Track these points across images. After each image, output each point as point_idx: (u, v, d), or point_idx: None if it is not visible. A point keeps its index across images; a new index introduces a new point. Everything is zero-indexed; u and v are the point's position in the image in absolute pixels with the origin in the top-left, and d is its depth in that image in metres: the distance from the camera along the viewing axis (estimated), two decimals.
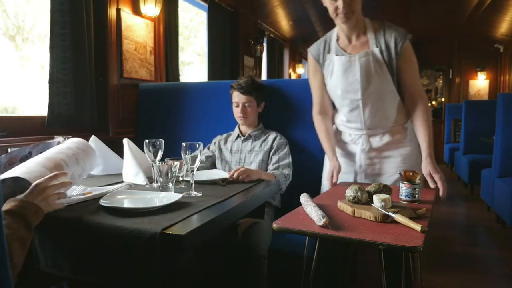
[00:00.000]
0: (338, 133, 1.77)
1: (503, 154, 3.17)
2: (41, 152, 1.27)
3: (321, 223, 1.07)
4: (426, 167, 1.48)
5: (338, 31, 1.63)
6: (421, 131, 1.53)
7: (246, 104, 1.97)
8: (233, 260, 1.67)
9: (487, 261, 2.66)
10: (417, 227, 1.02)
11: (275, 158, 1.93)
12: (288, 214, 1.21)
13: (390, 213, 1.10)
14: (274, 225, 1.12)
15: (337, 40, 1.63)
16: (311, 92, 1.78)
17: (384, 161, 1.66)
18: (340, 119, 1.72)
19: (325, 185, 1.68)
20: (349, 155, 1.72)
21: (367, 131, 1.65)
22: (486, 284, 2.28)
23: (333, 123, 1.79)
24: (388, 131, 1.64)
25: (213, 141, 2.11)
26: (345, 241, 1.02)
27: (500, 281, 2.33)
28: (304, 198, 1.29)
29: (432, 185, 1.46)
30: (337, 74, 1.60)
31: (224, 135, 2.11)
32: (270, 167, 1.92)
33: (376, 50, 1.53)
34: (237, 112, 2.00)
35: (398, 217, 1.08)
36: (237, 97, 1.98)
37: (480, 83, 7.57)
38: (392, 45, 1.53)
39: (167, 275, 0.98)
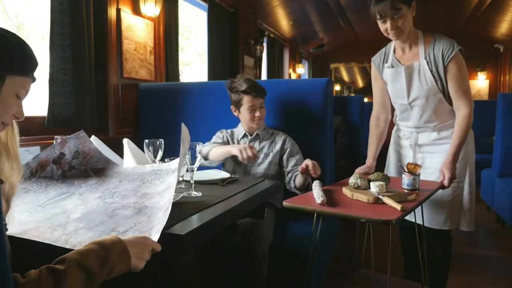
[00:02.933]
0: (397, 129, 1.96)
1: (503, 154, 3.17)
2: (74, 151, 1.24)
3: (319, 201, 1.31)
4: (443, 163, 1.65)
5: (395, 44, 1.80)
6: (454, 133, 1.69)
7: (261, 106, 1.96)
8: (234, 260, 1.67)
9: (487, 261, 2.66)
10: (398, 207, 1.22)
11: (292, 161, 1.92)
12: (298, 196, 1.47)
13: (379, 196, 1.32)
14: (284, 203, 1.36)
15: (394, 51, 1.81)
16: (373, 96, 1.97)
17: (429, 156, 1.80)
18: (398, 118, 1.93)
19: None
20: (403, 150, 1.90)
21: (416, 128, 1.82)
22: (486, 284, 2.28)
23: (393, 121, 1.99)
24: (436, 129, 1.78)
25: (220, 134, 2.06)
26: (336, 215, 1.28)
27: (500, 281, 2.33)
28: (315, 183, 1.50)
29: (440, 180, 1.63)
30: (389, 82, 1.82)
31: (229, 131, 2.08)
32: (288, 169, 1.92)
33: (424, 62, 1.69)
34: (252, 116, 1.94)
35: (385, 199, 1.29)
36: (252, 101, 1.93)
37: (480, 83, 7.57)
38: (440, 57, 1.66)
39: (167, 275, 0.98)
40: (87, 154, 1.26)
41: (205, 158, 1.93)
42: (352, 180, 1.49)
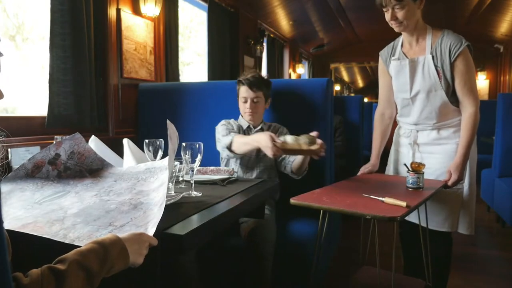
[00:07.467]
0: (398, 127, 1.95)
1: (503, 154, 3.18)
2: (69, 151, 1.24)
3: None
4: (452, 165, 1.66)
5: (403, 38, 1.80)
6: (461, 133, 1.68)
7: (254, 100, 1.93)
8: (238, 261, 1.67)
9: (487, 261, 2.66)
10: (403, 204, 1.26)
11: None
12: (305, 193, 1.45)
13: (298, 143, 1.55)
14: (292, 200, 1.37)
15: (402, 45, 1.80)
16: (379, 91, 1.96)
17: (428, 157, 1.78)
18: (398, 114, 1.90)
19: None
20: (402, 148, 1.89)
21: (415, 126, 1.80)
22: (486, 284, 2.28)
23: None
24: (435, 128, 1.76)
25: (228, 124, 1.97)
26: (342, 212, 1.31)
27: (500, 281, 2.33)
28: None
29: (445, 179, 1.66)
30: (393, 75, 1.81)
31: (235, 121, 2.03)
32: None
33: (429, 57, 1.68)
34: (244, 108, 1.95)
35: (387, 200, 1.31)
36: (246, 92, 1.93)
37: (480, 83, 7.57)
38: (446, 53, 1.65)
39: (167, 275, 0.98)
40: (82, 155, 1.27)
41: (229, 148, 1.84)
42: (281, 138, 1.62)
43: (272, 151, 1.56)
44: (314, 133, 1.59)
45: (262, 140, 1.62)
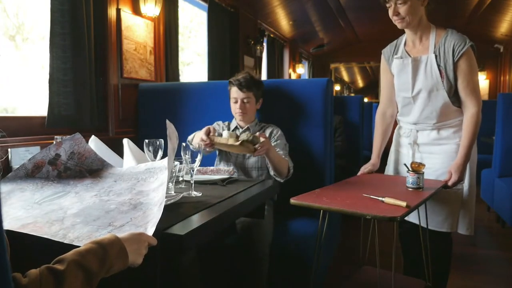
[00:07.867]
0: (398, 127, 1.94)
1: (503, 154, 3.18)
2: (70, 152, 1.25)
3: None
4: (453, 165, 1.66)
5: (406, 36, 1.79)
6: (463, 134, 1.68)
7: (244, 100, 1.95)
8: (234, 259, 1.67)
9: (487, 261, 2.66)
10: (403, 204, 1.26)
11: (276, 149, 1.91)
12: (305, 193, 1.44)
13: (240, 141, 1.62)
14: (292, 200, 1.37)
15: (405, 44, 1.79)
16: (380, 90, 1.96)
17: (428, 157, 1.77)
18: (399, 113, 1.89)
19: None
20: (402, 148, 1.88)
21: (415, 125, 1.79)
22: (487, 284, 2.28)
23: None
24: (435, 128, 1.75)
25: (217, 126, 2.08)
26: (342, 212, 1.30)
27: (500, 281, 2.33)
28: None
29: (445, 179, 1.65)
30: (395, 74, 1.80)
31: (226, 123, 2.10)
32: None
33: (432, 56, 1.66)
34: (235, 108, 1.98)
35: (387, 200, 1.31)
36: (236, 93, 1.96)
37: (480, 83, 7.57)
38: (450, 52, 1.64)
39: (167, 275, 0.98)
40: (82, 155, 1.27)
41: (190, 142, 1.92)
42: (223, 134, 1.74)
43: (202, 142, 1.68)
44: (257, 134, 1.71)
45: (199, 132, 1.77)
